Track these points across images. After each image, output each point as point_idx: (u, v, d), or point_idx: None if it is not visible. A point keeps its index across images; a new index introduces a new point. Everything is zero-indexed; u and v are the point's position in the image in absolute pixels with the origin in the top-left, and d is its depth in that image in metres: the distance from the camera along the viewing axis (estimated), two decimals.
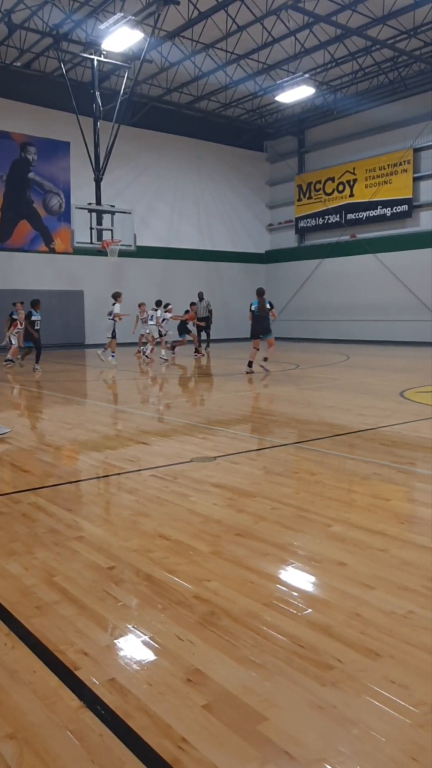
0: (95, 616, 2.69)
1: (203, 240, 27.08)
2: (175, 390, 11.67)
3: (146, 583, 3.01)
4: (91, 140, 18.41)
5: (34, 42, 19.12)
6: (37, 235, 22.17)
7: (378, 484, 4.80)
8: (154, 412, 8.84)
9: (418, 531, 3.74)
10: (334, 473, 5.18)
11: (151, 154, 24.95)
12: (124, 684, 2.18)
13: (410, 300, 22.94)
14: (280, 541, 3.57)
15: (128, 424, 7.65)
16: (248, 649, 2.41)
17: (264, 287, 14.33)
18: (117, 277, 23.85)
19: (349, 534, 3.66)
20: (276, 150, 28.64)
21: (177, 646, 2.43)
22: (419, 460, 5.65)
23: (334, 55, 20.19)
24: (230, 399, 9.98)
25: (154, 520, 3.95)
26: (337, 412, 8.85)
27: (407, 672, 2.24)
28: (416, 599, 2.82)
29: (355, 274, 24.81)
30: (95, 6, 17.08)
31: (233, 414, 8.42)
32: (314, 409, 8.96)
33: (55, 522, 3.94)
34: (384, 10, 17.27)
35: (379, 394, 10.06)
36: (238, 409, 8.93)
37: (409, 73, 21.75)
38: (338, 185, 25.75)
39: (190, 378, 13.59)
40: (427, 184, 22.83)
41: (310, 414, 8.48)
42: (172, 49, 19.65)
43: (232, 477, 5.02)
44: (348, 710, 2.03)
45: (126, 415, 8.42)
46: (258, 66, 20.99)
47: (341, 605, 2.77)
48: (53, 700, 2.10)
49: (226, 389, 11.24)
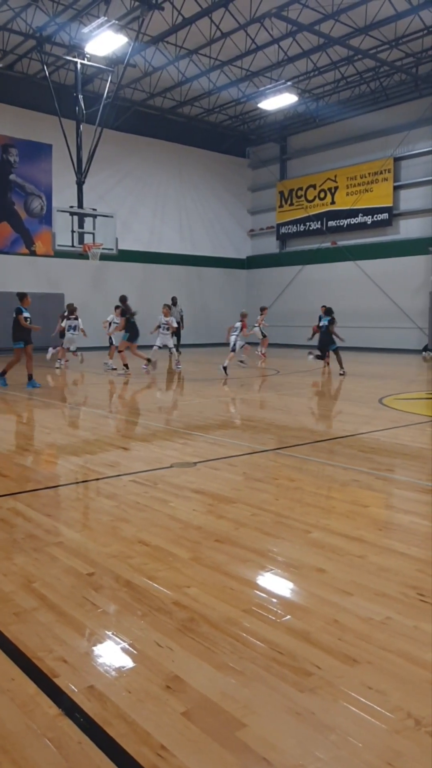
0: (74, 622, 2.68)
1: (185, 245, 27.11)
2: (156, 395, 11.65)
3: (125, 590, 3.00)
4: (73, 143, 18.35)
5: (17, 44, 19.02)
6: (17, 237, 22.01)
7: (357, 490, 4.84)
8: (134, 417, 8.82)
9: (395, 537, 3.78)
10: (314, 479, 5.21)
11: (133, 158, 24.94)
12: (103, 691, 2.18)
13: (390, 307, 23.17)
14: (259, 547, 3.59)
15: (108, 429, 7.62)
16: (227, 655, 2.42)
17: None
18: (98, 281, 23.79)
19: (327, 540, 3.69)
20: (258, 156, 28.79)
21: (156, 652, 2.44)
22: (397, 467, 5.71)
23: (316, 64, 20.37)
24: (210, 404, 10.00)
25: (133, 526, 3.94)
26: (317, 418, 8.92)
27: (384, 678, 2.27)
28: (394, 605, 2.85)
29: (336, 281, 24.99)
30: (79, 9, 17.05)
31: (213, 419, 8.44)
32: (294, 415, 9.01)
33: (34, 527, 3.92)
34: (366, 21, 17.48)
35: (358, 400, 10.14)
36: (219, 415, 8.94)
37: (390, 83, 22.02)
38: (320, 192, 25.95)
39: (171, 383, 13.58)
40: (407, 193, 23.11)
41: (290, 420, 8.53)
42: (155, 54, 19.68)
43: (212, 483, 5.03)
44: (326, 716, 2.04)
45: (106, 420, 8.39)
46: (241, 73, 21.10)
47: (320, 611, 2.79)
48: (31, 707, 2.09)
49: (207, 394, 11.25)
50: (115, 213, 20.00)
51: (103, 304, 23.77)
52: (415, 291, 22.59)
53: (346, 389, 12.00)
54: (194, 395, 11.33)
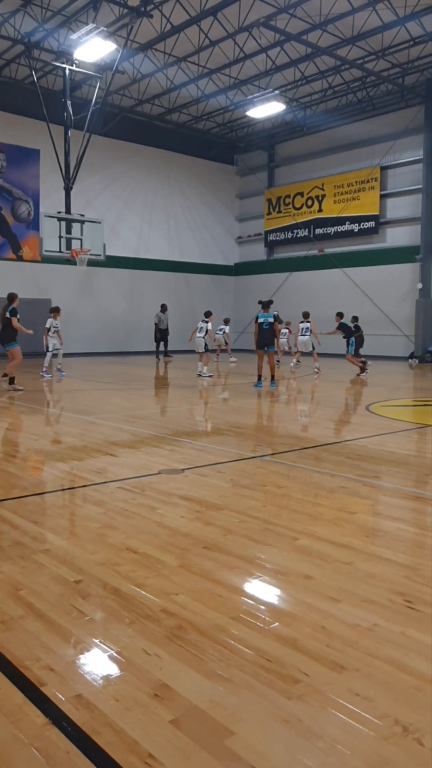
0: (61, 630, 2.67)
1: (173, 251, 27.15)
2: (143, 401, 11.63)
3: (113, 597, 2.99)
4: (61, 149, 18.34)
5: (5, 49, 19.00)
6: (4, 242, 21.94)
7: (344, 497, 4.86)
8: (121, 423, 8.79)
9: (382, 544, 3.80)
10: (301, 486, 5.23)
11: (121, 164, 24.96)
12: (91, 700, 2.17)
13: (377, 315, 23.32)
14: (247, 554, 3.59)
15: (95, 435, 7.59)
16: (215, 663, 2.41)
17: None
18: (85, 287, 23.75)
19: (315, 547, 3.70)
20: (246, 164, 28.93)
21: (144, 660, 2.43)
22: (384, 474, 5.74)
23: (304, 73, 20.54)
24: (198, 411, 10.00)
25: (121, 533, 3.93)
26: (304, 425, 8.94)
27: (372, 685, 2.28)
28: (381, 612, 2.86)
29: (324, 288, 25.13)
30: (68, 16, 17.08)
31: (201, 426, 8.44)
32: (281, 421, 9.04)
33: (21, 534, 3.89)
34: (353, 31, 17.66)
35: (345, 407, 10.19)
36: (206, 421, 8.95)
37: (377, 93, 22.24)
38: (307, 200, 26.11)
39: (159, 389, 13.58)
40: (393, 202, 23.31)
41: (278, 427, 8.55)
42: (144, 61, 19.75)
43: (200, 489, 5.03)
44: (313, 723, 2.05)
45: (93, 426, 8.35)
46: (229, 81, 21.22)
47: (307, 618, 2.80)
48: (18, 717, 2.08)
49: (194, 401, 11.25)
50: (102, 219, 20.02)
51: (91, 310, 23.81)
52: (402, 299, 22.77)
53: (332, 396, 12.05)
54: (181, 401, 11.33)
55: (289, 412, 10.06)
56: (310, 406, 10.90)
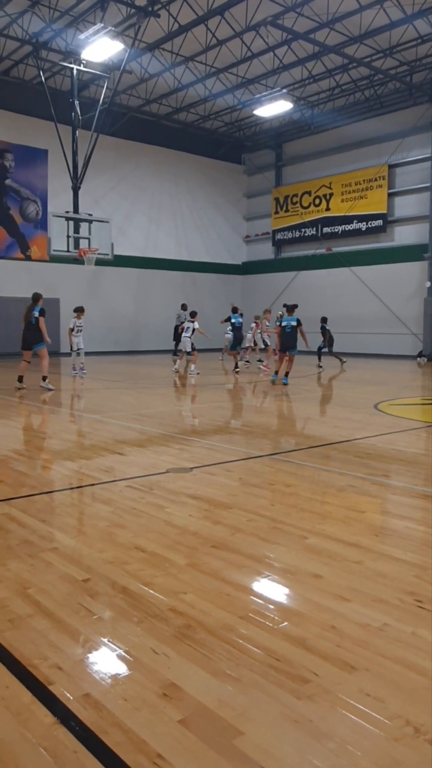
0: (69, 629, 2.66)
1: (180, 250, 27.16)
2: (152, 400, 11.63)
3: (122, 596, 2.98)
4: (69, 149, 18.38)
5: (13, 49, 19.05)
6: (13, 242, 22.01)
7: (353, 496, 4.83)
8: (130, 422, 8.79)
9: (392, 543, 3.77)
10: (310, 485, 5.20)
11: (129, 163, 24.99)
12: (99, 699, 2.16)
13: (385, 313, 23.25)
14: (256, 553, 3.57)
15: (104, 434, 7.59)
16: (224, 662, 2.40)
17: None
18: (93, 286, 23.79)
19: (324, 546, 3.68)
20: (254, 163, 28.89)
21: (152, 659, 2.41)
22: (393, 473, 5.70)
23: (311, 72, 20.48)
24: (207, 410, 9.99)
25: (129, 532, 3.92)
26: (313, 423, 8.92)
27: (382, 685, 2.25)
28: (391, 612, 2.83)
29: (331, 287, 25.07)
30: (75, 16, 17.11)
31: (210, 425, 8.42)
32: (290, 420, 9.01)
33: (29, 533, 3.89)
34: (361, 30, 17.59)
35: (353, 406, 10.14)
36: (215, 420, 8.93)
37: (384, 91, 22.16)
38: (315, 199, 26.05)
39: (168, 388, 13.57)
40: (401, 200, 23.22)
41: (286, 425, 8.52)
42: (151, 60, 19.75)
43: (208, 488, 5.01)
44: (323, 724, 2.03)
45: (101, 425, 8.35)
46: (237, 80, 21.20)
47: (317, 618, 2.77)
48: (26, 716, 2.07)
49: (203, 400, 11.24)
50: (110, 218, 20.03)
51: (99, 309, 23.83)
52: (410, 297, 22.68)
53: (341, 395, 12.01)
54: (189, 400, 11.32)
55: (297, 410, 10.02)
56: (319, 405, 10.86)
